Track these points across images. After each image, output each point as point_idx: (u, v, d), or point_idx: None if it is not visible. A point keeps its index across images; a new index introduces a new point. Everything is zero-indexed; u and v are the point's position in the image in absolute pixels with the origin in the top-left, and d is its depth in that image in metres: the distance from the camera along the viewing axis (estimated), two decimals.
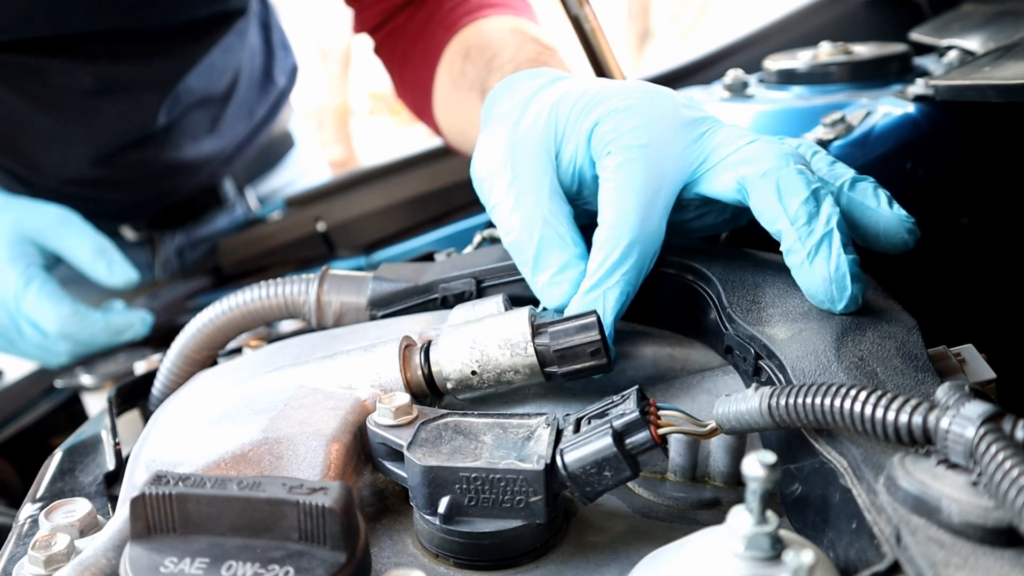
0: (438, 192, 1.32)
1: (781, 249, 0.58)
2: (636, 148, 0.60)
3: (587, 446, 0.48)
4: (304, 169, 1.58)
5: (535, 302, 0.65)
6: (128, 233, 1.35)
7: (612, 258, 0.59)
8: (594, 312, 0.57)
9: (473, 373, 0.58)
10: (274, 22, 1.43)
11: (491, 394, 0.60)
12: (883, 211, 0.60)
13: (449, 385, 0.59)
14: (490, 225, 0.81)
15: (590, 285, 0.60)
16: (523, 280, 0.66)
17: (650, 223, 0.60)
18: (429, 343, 0.60)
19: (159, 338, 1.18)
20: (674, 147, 0.61)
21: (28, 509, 0.62)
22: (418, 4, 1.13)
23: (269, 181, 1.52)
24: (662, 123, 0.61)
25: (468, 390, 0.59)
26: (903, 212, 0.60)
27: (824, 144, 0.84)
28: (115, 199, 1.30)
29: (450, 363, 0.59)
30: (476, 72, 0.94)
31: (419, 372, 0.60)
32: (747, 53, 1.35)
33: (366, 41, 1.21)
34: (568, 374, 0.57)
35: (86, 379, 1.08)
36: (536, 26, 1.06)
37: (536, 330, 0.58)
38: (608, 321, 0.60)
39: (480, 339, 0.58)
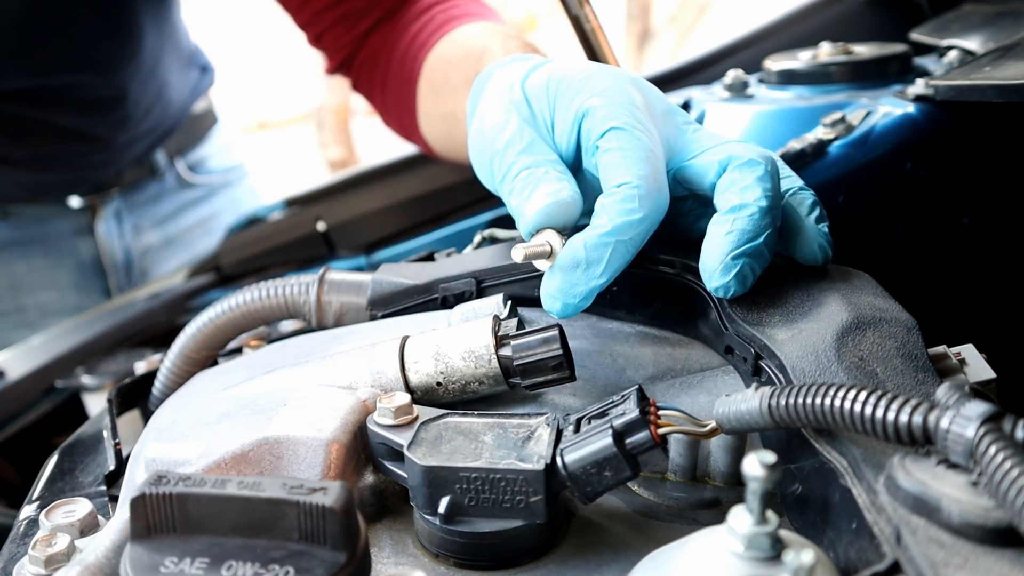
0: (438, 192, 1.32)
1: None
2: (633, 126, 0.61)
3: (587, 446, 0.48)
4: (227, 144, 1.70)
5: (536, 302, 0.65)
6: (74, 201, 1.47)
7: (629, 212, 0.58)
8: (557, 325, 0.58)
9: (438, 384, 0.59)
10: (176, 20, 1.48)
11: (457, 402, 0.60)
12: (807, 223, 0.62)
13: (416, 395, 0.59)
14: (490, 225, 0.81)
15: (605, 231, 0.59)
16: (523, 280, 0.66)
17: (660, 182, 0.60)
18: (402, 347, 0.60)
19: (159, 338, 1.18)
20: (662, 131, 0.64)
21: (28, 509, 0.62)
22: (383, 31, 1.13)
23: (196, 152, 1.63)
24: (648, 109, 0.64)
25: (434, 400, 0.59)
26: (824, 228, 0.62)
27: (824, 144, 0.84)
28: (62, 179, 1.43)
29: (415, 375, 0.59)
30: (463, 73, 0.94)
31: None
32: (747, 53, 1.35)
33: (344, 81, 1.23)
34: (531, 386, 0.58)
35: (86, 379, 1.08)
36: (511, 27, 1.06)
37: (499, 341, 0.58)
38: (608, 275, 0.59)
39: (444, 350, 0.59)
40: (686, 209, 0.68)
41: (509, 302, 0.64)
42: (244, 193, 1.70)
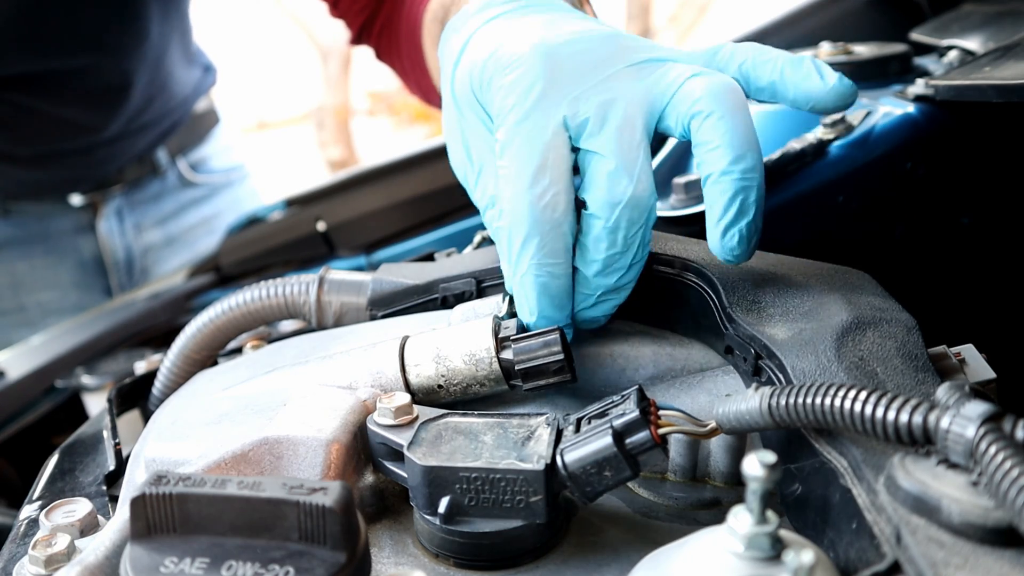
0: (438, 192, 1.32)
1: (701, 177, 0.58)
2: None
3: (587, 446, 0.48)
4: (228, 144, 1.71)
5: None
6: (75, 198, 1.47)
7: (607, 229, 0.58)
8: (558, 328, 0.58)
9: (440, 387, 0.59)
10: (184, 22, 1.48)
11: (457, 401, 0.60)
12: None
13: (417, 396, 0.59)
14: None
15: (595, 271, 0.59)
16: None
17: (640, 186, 0.58)
18: (402, 348, 0.60)
19: (159, 338, 1.18)
20: (636, 93, 0.59)
21: (28, 509, 0.62)
22: None
23: (198, 151, 1.63)
24: (618, 78, 0.59)
25: (434, 401, 0.60)
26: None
27: (824, 144, 0.84)
28: (64, 177, 1.44)
29: (417, 378, 0.59)
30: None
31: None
32: None
33: (367, 51, 1.20)
34: (532, 388, 0.58)
35: (86, 379, 1.08)
36: None
37: (500, 343, 0.58)
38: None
39: (445, 352, 0.59)
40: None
41: (508, 298, 0.64)
42: (245, 193, 1.70)
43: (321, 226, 1.32)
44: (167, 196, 1.57)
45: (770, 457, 0.38)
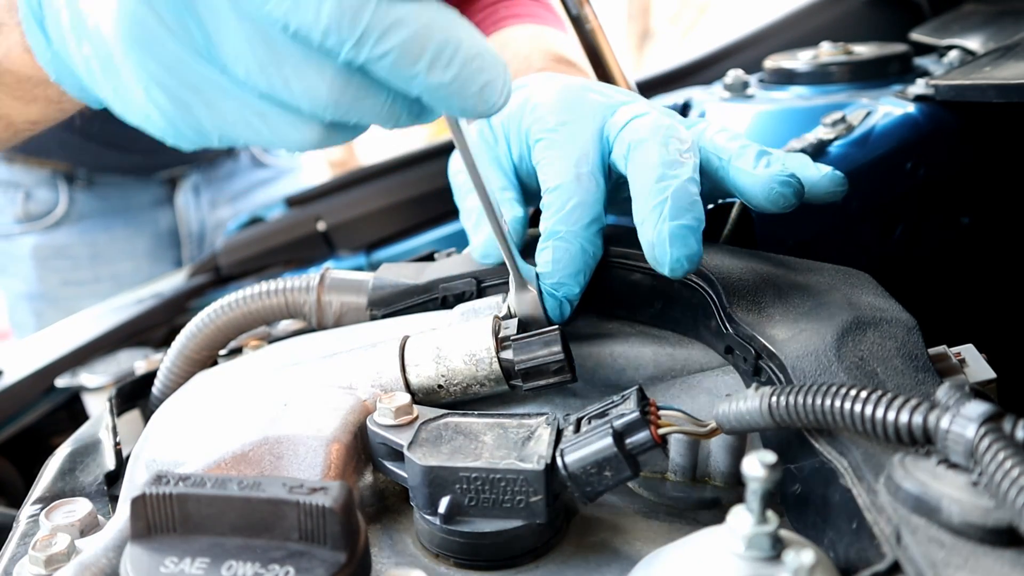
0: (438, 192, 1.32)
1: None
2: (555, 130, 0.66)
3: (587, 446, 0.48)
4: None
5: None
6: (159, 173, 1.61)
7: (557, 215, 0.62)
8: (558, 328, 0.58)
9: (440, 387, 0.59)
10: None
11: (457, 402, 0.60)
12: (758, 173, 0.62)
13: (417, 396, 0.59)
14: None
15: (542, 238, 0.63)
16: None
17: (584, 180, 0.63)
18: (402, 348, 0.60)
19: (159, 338, 1.18)
20: (587, 126, 0.65)
21: (28, 509, 0.62)
22: None
23: None
24: (575, 110, 0.67)
25: (434, 401, 0.60)
26: (775, 170, 0.62)
27: (824, 144, 0.84)
28: (149, 159, 1.56)
29: (417, 378, 0.59)
30: None
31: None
32: (747, 53, 1.35)
33: None
34: (532, 388, 0.58)
35: (86, 379, 1.08)
36: (558, 35, 1.06)
37: (500, 343, 0.58)
38: (553, 271, 0.62)
39: (445, 352, 0.59)
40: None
41: (508, 296, 0.64)
42: (302, 181, 1.79)
43: (321, 226, 1.32)
44: (239, 175, 1.68)
45: (770, 457, 0.38)
